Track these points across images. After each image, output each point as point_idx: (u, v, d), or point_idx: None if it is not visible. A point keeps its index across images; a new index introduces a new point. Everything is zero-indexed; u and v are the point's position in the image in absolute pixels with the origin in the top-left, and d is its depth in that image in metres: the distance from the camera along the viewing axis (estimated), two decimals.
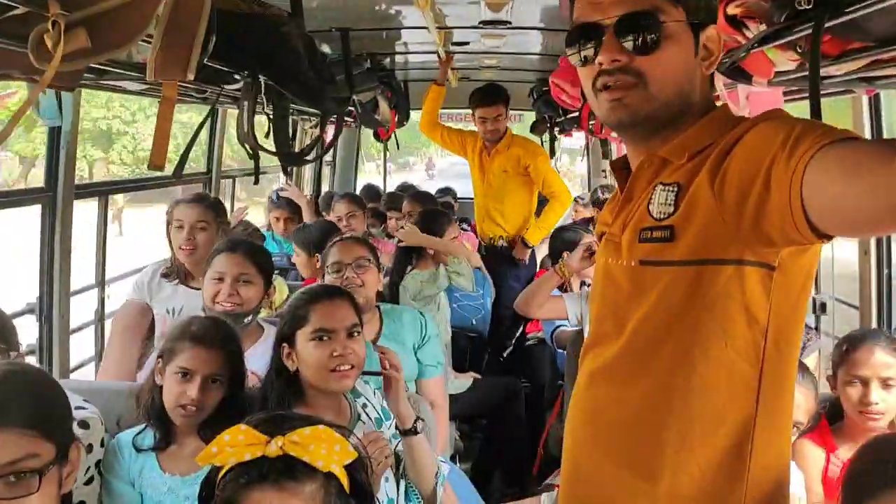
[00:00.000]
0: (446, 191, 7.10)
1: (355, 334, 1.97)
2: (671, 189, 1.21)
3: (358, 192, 6.14)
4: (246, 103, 2.21)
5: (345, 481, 1.22)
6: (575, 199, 6.46)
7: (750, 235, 1.10)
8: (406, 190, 6.36)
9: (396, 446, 2.02)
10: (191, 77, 1.52)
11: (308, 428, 1.21)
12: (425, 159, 33.59)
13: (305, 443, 1.18)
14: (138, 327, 2.76)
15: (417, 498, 2.04)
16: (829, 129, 1.02)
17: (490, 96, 4.66)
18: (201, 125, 2.78)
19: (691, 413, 1.20)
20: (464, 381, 3.60)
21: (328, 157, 6.84)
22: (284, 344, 1.97)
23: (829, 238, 1.03)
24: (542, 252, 5.10)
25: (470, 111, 4.86)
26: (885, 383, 2.03)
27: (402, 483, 2.03)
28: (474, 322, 4.20)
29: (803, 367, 1.95)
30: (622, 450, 1.27)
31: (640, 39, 1.19)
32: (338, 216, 4.38)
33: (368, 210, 4.84)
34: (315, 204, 6.09)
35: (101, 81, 2.13)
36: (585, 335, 1.41)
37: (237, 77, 2.24)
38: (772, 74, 1.68)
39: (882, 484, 1.11)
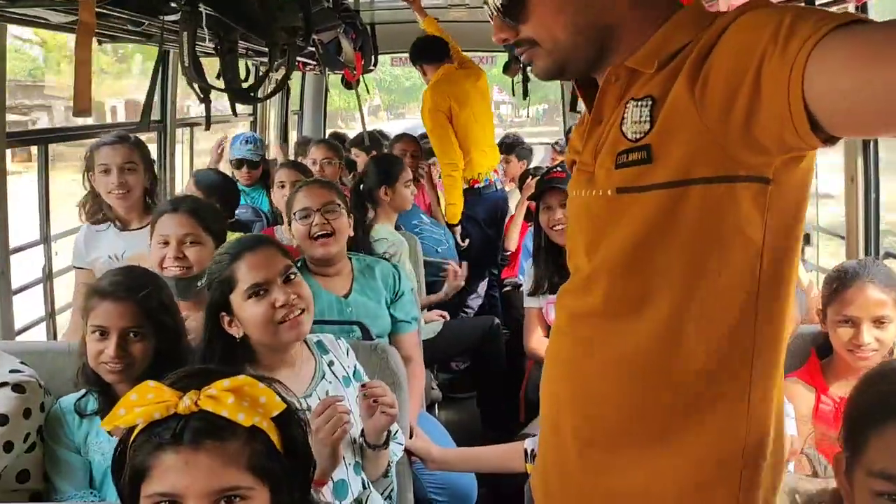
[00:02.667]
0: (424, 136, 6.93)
1: (292, 277, 1.83)
2: (644, 104, 1.06)
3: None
4: (185, 34, 2.02)
5: (275, 437, 1.08)
6: (552, 146, 6.33)
7: (739, 145, 0.96)
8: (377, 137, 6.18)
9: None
10: None
11: (227, 380, 1.06)
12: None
13: (223, 397, 1.04)
14: None
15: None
16: (827, 14, 0.87)
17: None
18: (155, 69, 2.60)
19: (686, 347, 1.08)
20: (434, 325, 3.50)
21: (295, 106, 6.65)
22: (222, 314, 1.81)
23: (834, 141, 0.90)
24: (514, 197, 4.99)
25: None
26: (878, 322, 1.94)
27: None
28: (439, 251, 4.10)
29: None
30: (609, 393, 1.15)
31: (507, 9, 1.13)
32: (312, 159, 4.22)
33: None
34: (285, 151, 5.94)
35: (17, 11, 1.92)
36: None
37: (174, 6, 2.04)
38: None
39: (888, 416, 1.04)
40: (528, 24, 1.14)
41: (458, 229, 4.63)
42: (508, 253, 4.58)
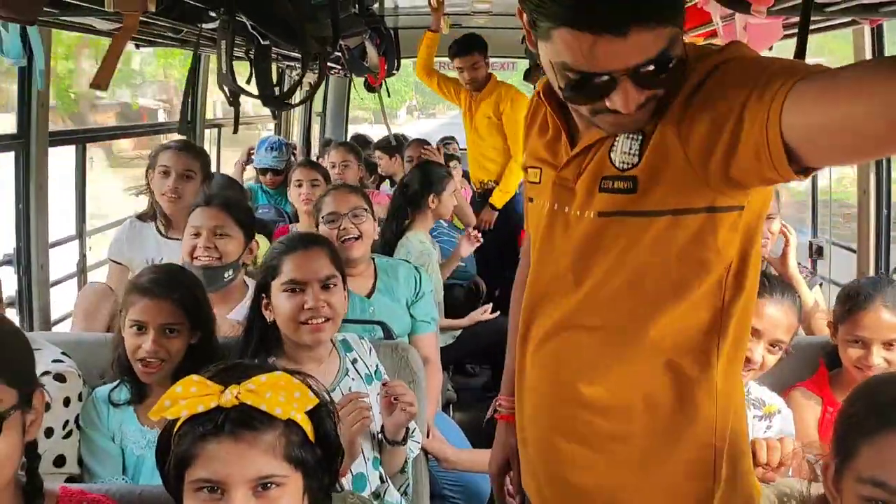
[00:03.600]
0: (451, 139, 6.99)
1: (331, 286, 1.90)
2: (635, 138, 1.14)
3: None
4: (223, 42, 2.11)
5: (308, 429, 1.17)
6: None
7: (720, 180, 1.06)
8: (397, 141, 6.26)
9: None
10: (152, 8, 1.43)
11: (265, 375, 1.15)
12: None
13: (262, 391, 1.13)
14: (98, 313, 2.52)
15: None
16: (802, 65, 0.99)
17: (464, 46, 4.74)
18: (190, 73, 2.69)
19: (661, 350, 1.19)
20: (453, 332, 3.55)
21: (318, 108, 6.74)
22: (263, 294, 1.92)
23: (808, 173, 0.98)
24: None
25: None
26: (888, 345, 1.95)
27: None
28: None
29: (784, 285, 1.87)
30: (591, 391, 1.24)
31: (657, 82, 1.06)
32: (331, 163, 4.29)
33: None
34: (307, 156, 6.02)
35: (66, 18, 2.02)
36: None
37: (213, 15, 2.13)
38: (772, 2, 1.59)
39: (881, 425, 1.07)
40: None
41: (495, 215, 4.77)
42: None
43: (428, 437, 2.26)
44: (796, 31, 1.79)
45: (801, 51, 1.51)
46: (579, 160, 1.22)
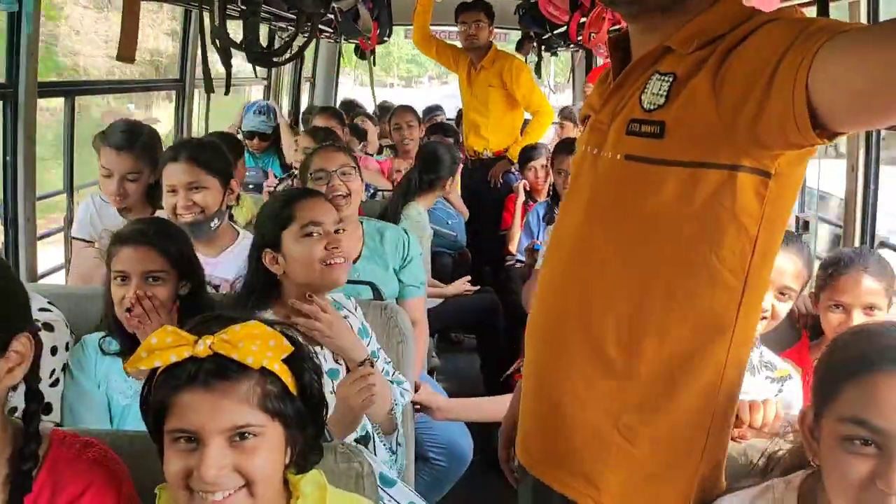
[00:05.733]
0: (436, 108, 6.95)
1: (341, 231, 1.97)
2: (666, 79, 1.13)
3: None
4: None
5: (287, 379, 1.17)
6: (558, 125, 6.37)
7: (746, 138, 1.04)
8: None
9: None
10: None
11: (239, 325, 1.15)
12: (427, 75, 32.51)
13: (235, 340, 1.13)
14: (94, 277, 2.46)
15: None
16: (842, 24, 0.96)
17: (472, 3, 4.81)
18: (183, 30, 2.63)
19: (670, 317, 1.17)
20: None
21: (307, 73, 6.68)
22: (267, 249, 1.91)
23: (832, 138, 0.98)
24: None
25: (454, 29, 5.01)
26: (868, 309, 1.97)
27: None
28: (449, 223, 4.23)
29: (789, 233, 1.81)
30: (595, 337, 1.22)
31: None
32: (314, 127, 4.27)
33: (348, 126, 4.73)
34: (294, 120, 5.98)
35: None
36: None
37: None
38: None
39: (866, 367, 1.06)
40: None
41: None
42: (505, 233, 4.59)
43: (417, 391, 2.28)
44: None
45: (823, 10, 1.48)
46: (615, 102, 1.22)
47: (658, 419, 1.20)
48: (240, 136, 4.42)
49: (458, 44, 5.11)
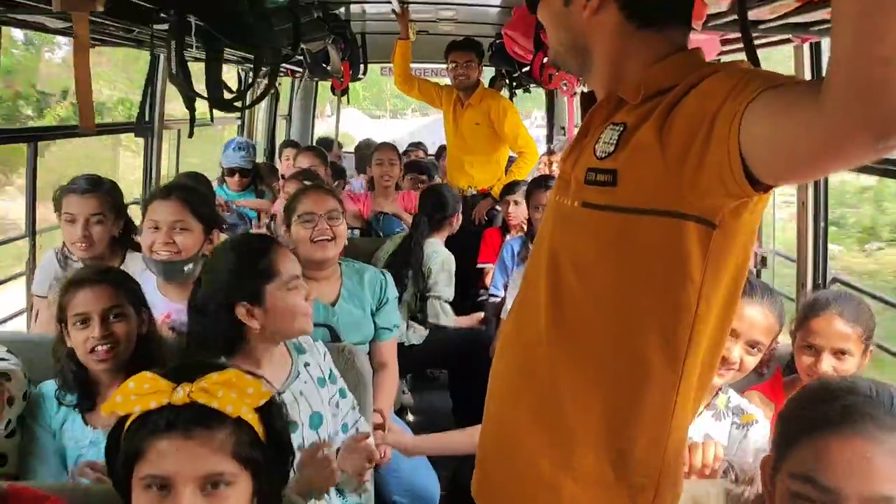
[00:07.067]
0: (417, 145, 7.00)
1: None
2: (617, 129, 1.17)
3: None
4: (173, 42, 2.12)
5: (259, 428, 1.18)
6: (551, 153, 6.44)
7: (690, 187, 1.07)
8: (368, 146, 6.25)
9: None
10: (100, 8, 1.43)
11: (216, 373, 1.16)
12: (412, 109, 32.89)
13: (214, 389, 1.14)
14: None
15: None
16: (774, 76, 1.00)
17: (463, 43, 4.88)
18: (148, 72, 2.66)
19: (617, 361, 1.18)
20: (422, 332, 3.57)
21: (283, 111, 6.73)
22: (243, 303, 1.83)
23: (766, 189, 1.01)
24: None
25: (431, 66, 5.17)
26: (839, 354, 1.98)
27: None
28: None
29: (764, 287, 1.86)
30: (540, 398, 1.25)
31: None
32: (298, 168, 4.31)
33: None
34: (269, 156, 6.03)
35: (15, 16, 2.01)
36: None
37: (164, 16, 2.14)
38: (703, 17, 1.63)
39: (824, 426, 1.07)
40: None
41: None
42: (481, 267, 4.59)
43: (384, 431, 2.27)
44: (734, 48, 1.85)
45: (751, 58, 1.54)
46: (577, 151, 1.26)
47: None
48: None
49: (442, 80, 5.14)
